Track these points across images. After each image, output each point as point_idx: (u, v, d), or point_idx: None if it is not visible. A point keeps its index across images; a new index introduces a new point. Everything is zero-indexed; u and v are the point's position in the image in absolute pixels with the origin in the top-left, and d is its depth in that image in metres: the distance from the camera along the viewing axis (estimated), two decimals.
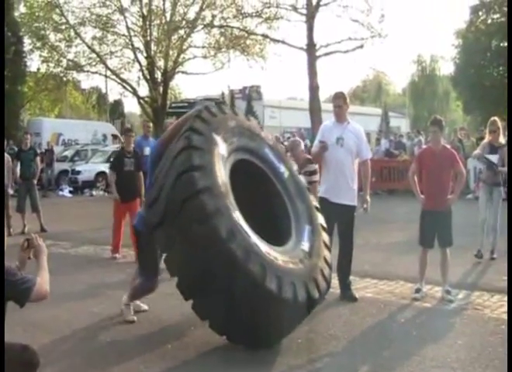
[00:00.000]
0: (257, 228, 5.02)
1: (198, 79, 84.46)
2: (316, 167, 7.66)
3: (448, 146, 7.41)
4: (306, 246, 5.42)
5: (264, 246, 4.88)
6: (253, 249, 4.70)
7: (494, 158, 8.56)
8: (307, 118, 25.92)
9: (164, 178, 5.00)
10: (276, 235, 5.49)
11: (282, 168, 5.91)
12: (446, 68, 60.35)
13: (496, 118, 8.81)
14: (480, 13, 40.02)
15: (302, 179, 6.37)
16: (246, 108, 29.32)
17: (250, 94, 28.34)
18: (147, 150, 10.74)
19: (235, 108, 6.12)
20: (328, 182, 6.90)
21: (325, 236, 5.82)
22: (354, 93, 68.45)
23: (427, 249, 6.95)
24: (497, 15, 39.25)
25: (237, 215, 4.86)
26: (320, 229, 5.80)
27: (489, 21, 39.50)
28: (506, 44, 37.72)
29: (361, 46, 26.11)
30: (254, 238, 4.85)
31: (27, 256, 3.77)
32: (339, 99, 6.99)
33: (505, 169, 8.58)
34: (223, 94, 26.72)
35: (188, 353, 5.07)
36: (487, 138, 8.83)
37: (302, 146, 8.21)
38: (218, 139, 5.27)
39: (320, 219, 5.95)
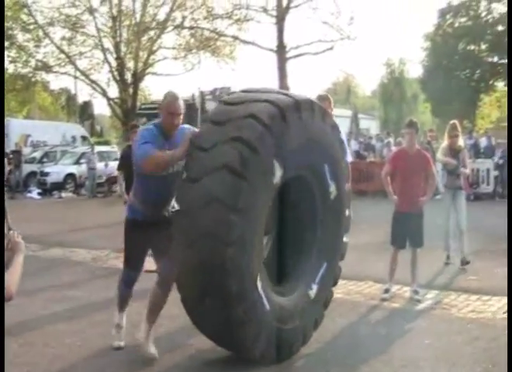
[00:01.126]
0: (275, 255, 4.78)
1: (169, 80, 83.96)
2: None
3: (421, 149, 7.50)
4: (313, 290, 5.00)
5: (267, 304, 4.42)
6: (255, 314, 4.32)
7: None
8: None
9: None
10: (292, 267, 5.06)
11: (332, 187, 5.05)
12: (415, 71, 61.02)
13: (455, 121, 8.78)
14: (448, 16, 40.57)
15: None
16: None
17: (221, 96, 28.26)
18: None
19: (317, 108, 4.83)
20: None
21: (337, 273, 5.49)
22: None
23: (398, 250, 7.03)
24: (464, 19, 39.82)
25: (257, 272, 4.33)
26: (335, 266, 5.37)
27: (457, 24, 40.05)
28: (472, 47, 38.33)
29: (331, 48, 26.27)
30: (263, 296, 4.38)
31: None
32: (324, 102, 6.68)
33: (467, 171, 8.75)
34: (193, 95, 26.51)
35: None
36: (447, 142, 8.72)
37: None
38: (276, 164, 4.32)
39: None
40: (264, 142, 4.22)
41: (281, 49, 25.78)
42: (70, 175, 22.74)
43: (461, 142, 8.84)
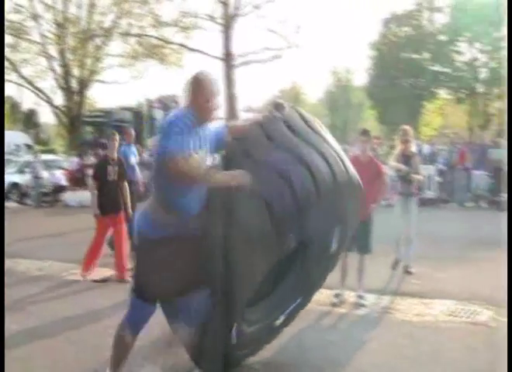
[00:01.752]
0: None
1: (116, 88, 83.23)
2: None
3: (373, 157, 7.63)
4: (279, 321, 4.87)
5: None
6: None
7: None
8: None
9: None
10: (266, 295, 4.82)
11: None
12: (361, 79, 61.95)
13: (407, 127, 8.85)
14: (392, 26, 41.40)
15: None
16: (164, 118, 29.10)
17: (168, 104, 28.11)
18: (133, 159, 10.53)
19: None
20: None
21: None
22: None
23: (347, 255, 7.16)
24: (407, 28, 40.69)
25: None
26: (308, 301, 5.23)
27: (400, 34, 40.91)
28: (415, 56, 39.14)
29: (278, 57, 26.54)
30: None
31: None
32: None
33: (419, 176, 8.78)
34: (140, 103, 26.41)
35: None
36: (399, 147, 8.79)
37: None
38: None
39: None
40: None
41: (228, 58, 25.91)
42: (15, 184, 22.27)
43: (413, 147, 8.90)
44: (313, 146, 4.20)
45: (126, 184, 8.66)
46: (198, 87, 3.97)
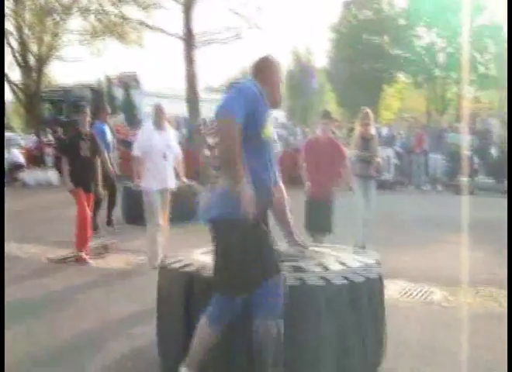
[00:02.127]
0: None
1: (75, 66, 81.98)
2: None
3: (333, 138, 7.74)
4: None
5: None
6: None
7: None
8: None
9: None
10: None
11: None
12: (321, 61, 62.25)
13: (367, 109, 8.85)
14: (352, 8, 41.58)
15: None
16: (123, 97, 28.93)
17: (128, 82, 27.91)
18: (109, 137, 10.53)
19: None
20: None
21: None
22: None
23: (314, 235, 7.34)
24: (368, 12, 40.94)
25: None
26: None
27: (361, 16, 41.14)
28: (376, 39, 39.48)
29: (239, 37, 26.42)
30: None
31: None
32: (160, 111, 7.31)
33: (378, 159, 8.81)
34: (99, 81, 26.15)
35: None
36: (358, 130, 8.80)
37: None
38: None
39: None
40: None
41: (188, 37, 25.66)
42: None
43: (372, 130, 8.87)
44: None
45: (98, 160, 8.53)
46: (273, 68, 3.78)
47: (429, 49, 35.74)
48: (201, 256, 4.35)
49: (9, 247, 9.24)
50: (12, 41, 28.04)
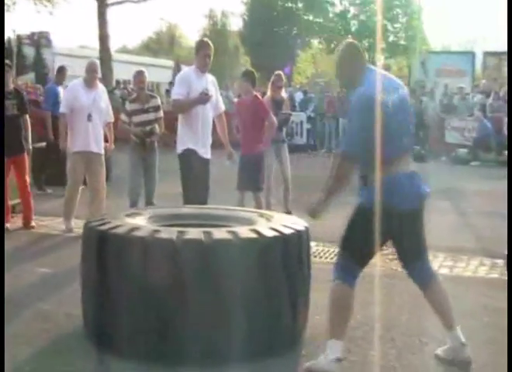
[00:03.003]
0: None
1: None
2: (160, 102, 8.02)
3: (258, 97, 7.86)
4: None
5: None
6: None
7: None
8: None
9: None
10: None
11: None
12: (236, 24, 61.88)
13: (280, 72, 8.93)
14: None
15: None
16: (34, 56, 28.01)
17: (39, 41, 27.04)
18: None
19: None
20: (196, 135, 6.66)
21: None
22: (147, 45, 67.82)
23: (243, 193, 7.57)
24: None
25: None
26: None
27: None
28: (290, 5, 39.63)
29: None
30: None
31: None
32: (209, 48, 6.71)
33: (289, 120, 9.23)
34: (9, 39, 25.20)
35: None
36: (269, 93, 8.84)
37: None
38: None
39: None
40: None
41: None
42: None
43: (283, 93, 9.12)
44: None
45: (27, 117, 8.00)
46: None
47: (342, 15, 36.10)
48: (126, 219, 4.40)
49: None
50: None
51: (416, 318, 4.78)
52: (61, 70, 11.55)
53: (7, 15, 21.07)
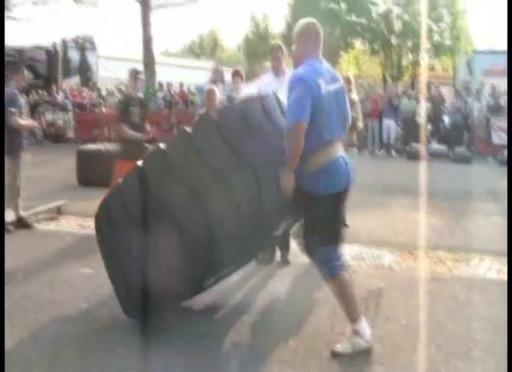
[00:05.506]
0: None
1: (28, 26, 79.74)
2: None
3: None
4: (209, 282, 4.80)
5: None
6: None
7: None
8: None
9: None
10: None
11: None
12: (278, 26, 61.84)
13: (348, 74, 8.57)
14: None
15: None
16: (79, 59, 28.43)
17: (84, 45, 27.41)
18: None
19: None
20: None
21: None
22: (190, 47, 68.33)
23: None
24: None
25: None
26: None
27: None
28: (332, 5, 39.42)
29: (195, 1, 26.24)
30: None
31: None
32: (277, 51, 6.55)
33: (360, 124, 8.37)
34: (54, 43, 25.62)
35: None
36: None
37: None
38: None
39: None
40: None
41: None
42: None
43: (354, 95, 8.42)
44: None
45: None
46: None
47: (385, 16, 35.77)
48: None
49: None
50: None
51: (463, 322, 4.65)
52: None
53: (52, 20, 21.33)
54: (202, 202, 4.09)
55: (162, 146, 4.37)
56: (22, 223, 7.76)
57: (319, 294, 5.19)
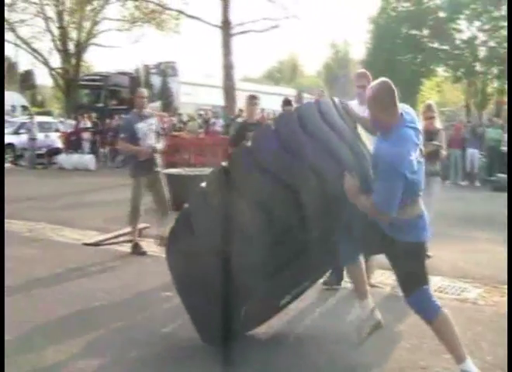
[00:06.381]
0: None
1: (113, 52, 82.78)
2: None
3: None
4: (283, 301, 4.84)
5: None
6: None
7: None
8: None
9: None
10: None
11: None
12: (359, 52, 61.76)
13: (431, 102, 8.26)
14: (391, 0, 41.09)
15: None
16: (161, 85, 29.11)
17: (166, 70, 28.08)
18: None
19: None
20: None
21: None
22: (270, 73, 69.02)
23: None
24: (407, 4, 40.38)
25: None
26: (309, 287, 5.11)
27: (400, 8, 40.60)
28: (414, 32, 38.94)
29: (276, 27, 26.44)
30: None
31: None
32: (362, 78, 6.31)
33: (444, 152, 7.91)
34: (137, 69, 26.36)
35: None
36: (423, 124, 7.23)
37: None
38: None
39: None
40: None
41: (226, 26, 25.71)
42: (10, 145, 22.23)
43: (437, 123, 8.04)
44: (345, 142, 4.10)
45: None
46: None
47: (469, 42, 35.17)
48: None
49: (45, 229, 9.43)
50: (52, 27, 28.38)
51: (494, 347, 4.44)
52: None
53: (135, 46, 21.89)
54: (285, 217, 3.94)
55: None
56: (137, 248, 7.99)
57: (400, 326, 5.04)
